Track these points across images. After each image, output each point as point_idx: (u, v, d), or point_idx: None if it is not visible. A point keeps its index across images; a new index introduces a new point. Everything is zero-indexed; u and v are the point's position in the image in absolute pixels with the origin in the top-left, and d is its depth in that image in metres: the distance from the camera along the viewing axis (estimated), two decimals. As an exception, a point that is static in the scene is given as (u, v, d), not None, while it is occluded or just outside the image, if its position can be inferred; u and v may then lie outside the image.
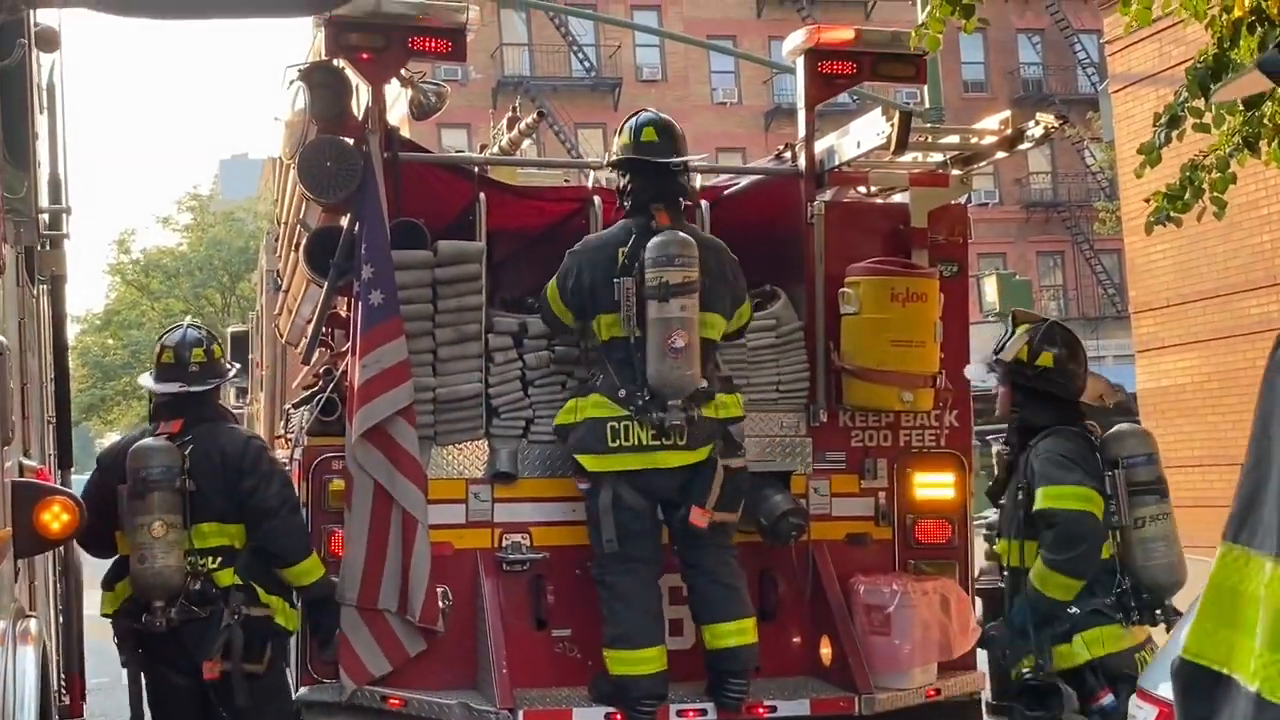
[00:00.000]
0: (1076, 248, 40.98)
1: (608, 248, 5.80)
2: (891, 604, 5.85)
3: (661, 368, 5.48)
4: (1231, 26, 6.44)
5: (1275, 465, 1.07)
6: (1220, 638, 1.03)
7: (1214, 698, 1.02)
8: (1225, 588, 1.04)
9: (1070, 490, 5.18)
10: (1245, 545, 1.05)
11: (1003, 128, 6.62)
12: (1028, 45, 42.14)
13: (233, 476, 5.60)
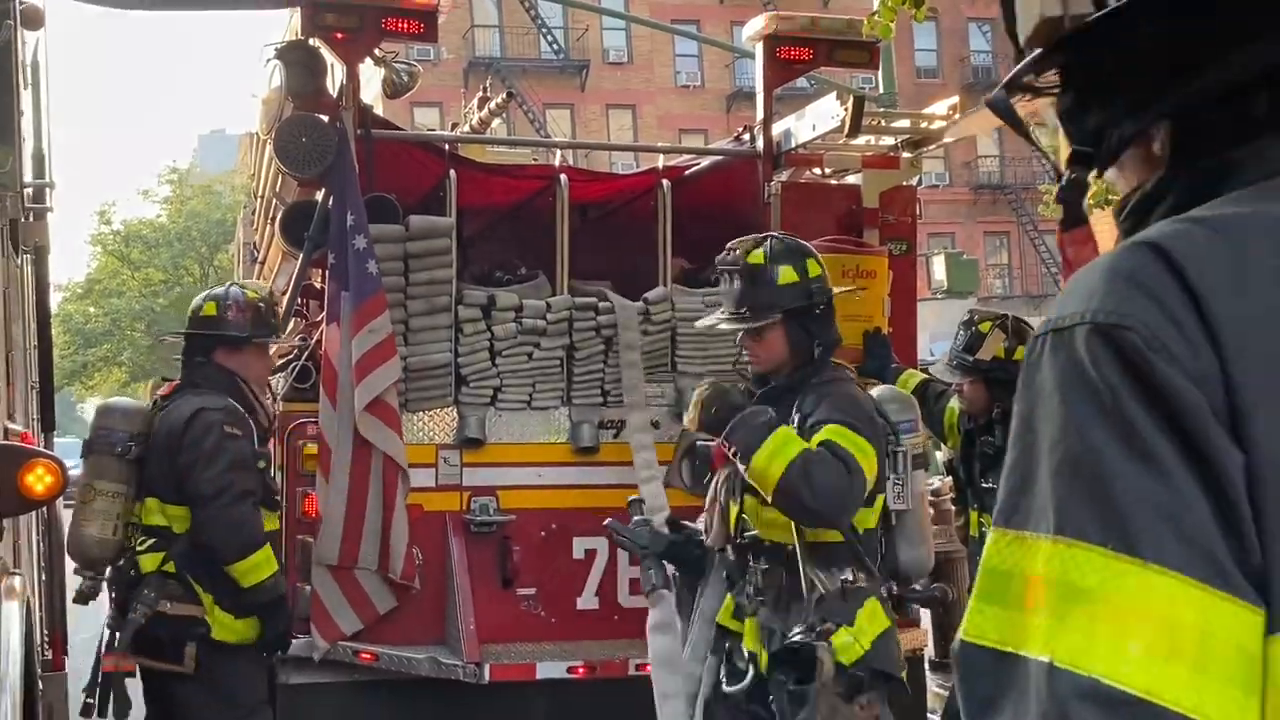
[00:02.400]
0: (1021, 228, 41.15)
1: None
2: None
3: None
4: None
5: (1042, 458, 1.07)
6: (1002, 618, 1.06)
7: (998, 677, 1.04)
8: (1000, 571, 1.07)
9: None
10: (1018, 529, 1.07)
11: (950, 113, 6.65)
12: (978, 33, 42.19)
13: (173, 452, 4.90)
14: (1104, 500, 1.03)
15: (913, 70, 38.23)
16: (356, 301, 5.61)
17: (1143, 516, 1.02)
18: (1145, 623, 1.00)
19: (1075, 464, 1.05)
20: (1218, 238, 1.09)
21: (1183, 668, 0.99)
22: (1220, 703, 0.98)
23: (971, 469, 5.51)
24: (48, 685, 3.25)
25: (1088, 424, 1.05)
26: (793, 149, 6.64)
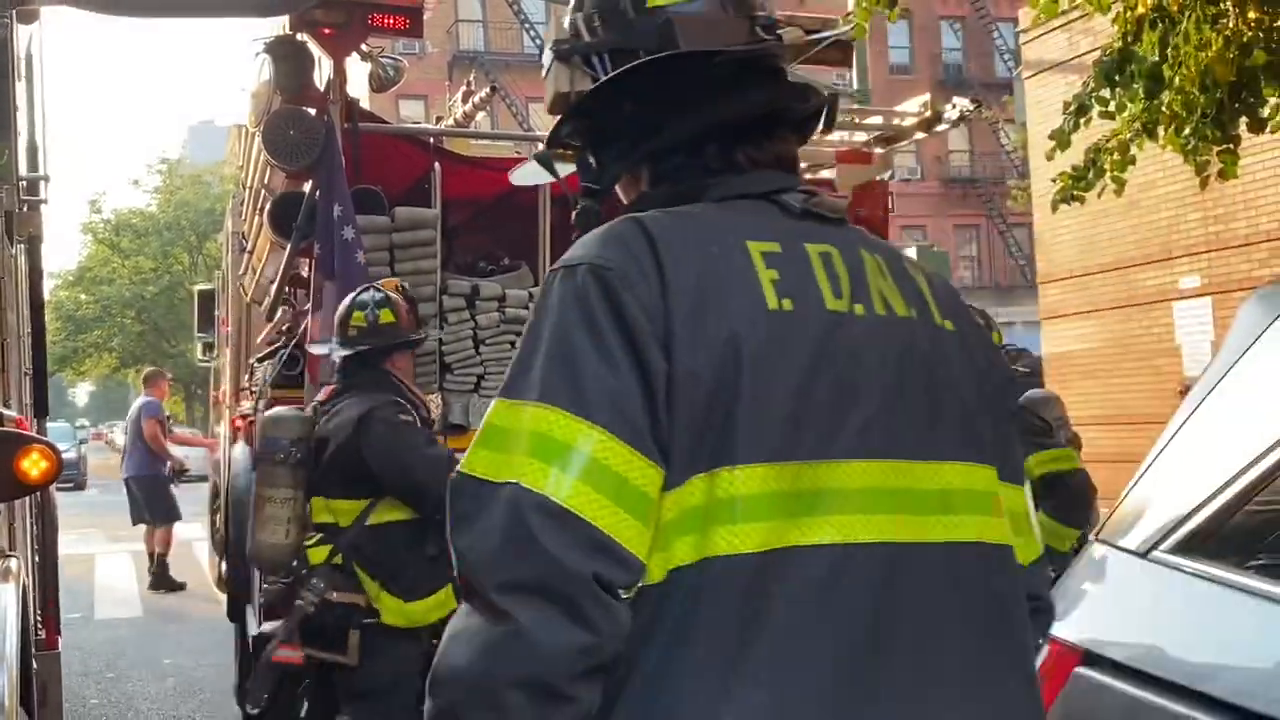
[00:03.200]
0: (991, 222, 41.37)
1: None
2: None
3: None
4: (1135, 22, 6.54)
5: (539, 351, 1.48)
6: (490, 458, 1.44)
7: (478, 496, 1.43)
8: (497, 427, 1.46)
9: (1063, 453, 5.31)
10: (514, 398, 1.47)
11: (923, 110, 6.70)
12: (950, 32, 42.36)
13: (345, 453, 4.70)
14: (574, 381, 1.44)
15: (886, 67, 38.34)
16: (344, 291, 5.62)
17: (597, 395, 1.43)
18: (586, 464, 1.41)
19: (561, 356, 1.46)
20: (678, 221, 1.57)
21: (606, 498, 1.40)
22: (625, 527, 1.40)
23: None
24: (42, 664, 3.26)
25: (574, 330, 1.46)
26: (769, 144, 6.68)
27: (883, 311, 1.59)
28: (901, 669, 1.47)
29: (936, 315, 1.67)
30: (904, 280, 1.67)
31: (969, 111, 6.55)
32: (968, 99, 6.84)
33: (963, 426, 1.62)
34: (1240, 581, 2.21)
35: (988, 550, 1.59)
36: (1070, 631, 2.46)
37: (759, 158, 1.69)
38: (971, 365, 1.68)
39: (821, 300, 1.54)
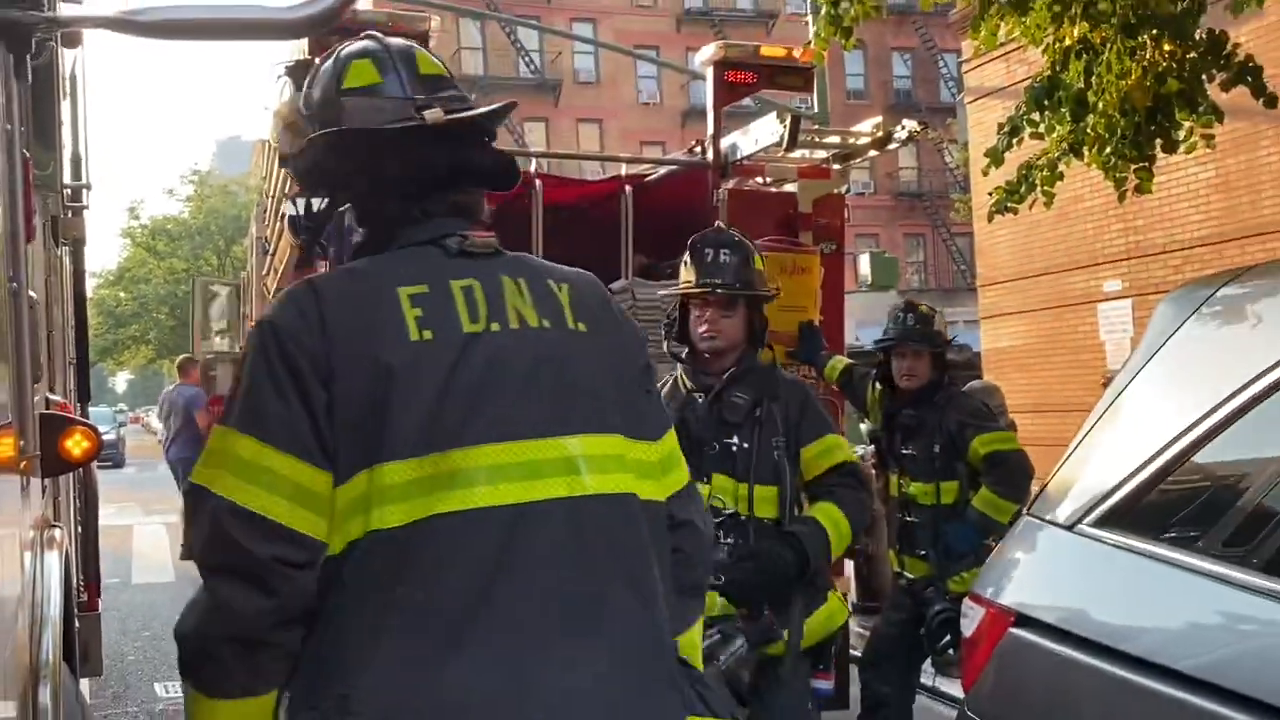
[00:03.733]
0: (936, 231, 41.43)
1: None
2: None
3: None
4: (1063, 53, 6.54)
5: (241, 386, 1.77)
6: (205, 473, 1.73)
7: (197, 502, 1.73)
8: (214, 448, 1.74)
9: (1005, 435, 5.30)
10: (222, 424, 1.75)
11: (875, 131, 6.69)
12: (900, 61, 42.38)
13: None
14: (258, 413, 1.72)
15: (843, 92, 38.34)
16: None
17: (275, 424, 1.71)
18: (266, 474, 1.69)
19: (251, 393, 1.74)
20: (344, 277, 1.87)
21: (282, 499, 1.69)
22: (299, 519, 1.69)
23: (893, 439, 5.55)
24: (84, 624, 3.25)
25: (258, 373, 1.73)
26: (738, 160, 6.66)
27: (516, 325, 1.84)
28: (526, 602, 1.72)
29: (570, 321, 1.91)
30: (542, 297, 1.91)
31: (916, 132, 6.55)
32: (915, 121, 6.82)
33: (589, 405, 1.86)
34: (1154, 552, 2.22)
35: (612, 499, 1.83)
36: (1004, 596, 2.47)
37: (432, 209, 1.92)
38: (601, 357, 1.92)
39: (459, 326, 1.79)
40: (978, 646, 2.43)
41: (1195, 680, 1.97)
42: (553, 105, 38.96)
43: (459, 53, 37.38)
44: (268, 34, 1.89)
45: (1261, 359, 2.15)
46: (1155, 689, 2.03)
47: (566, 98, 39.38)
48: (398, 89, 1.91)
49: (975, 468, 5.20)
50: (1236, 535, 2.20)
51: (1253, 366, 2.16)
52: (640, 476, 1.89)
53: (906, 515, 5.44)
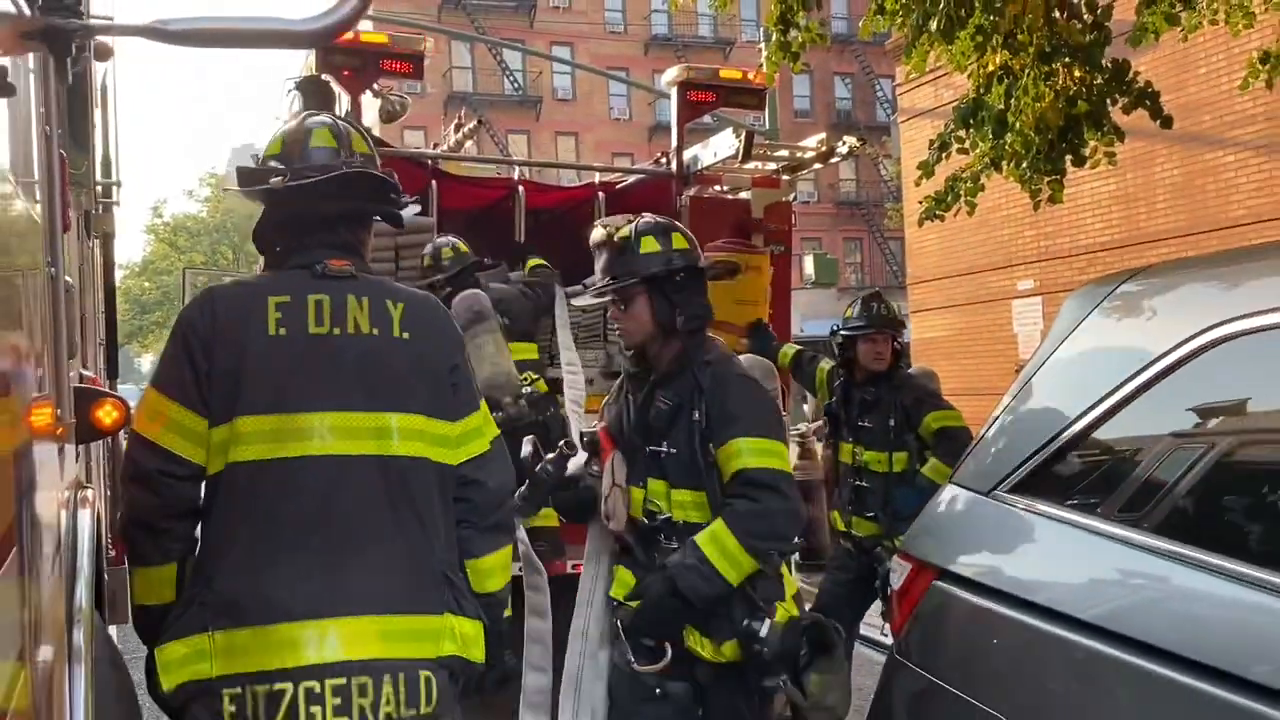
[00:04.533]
0: (872, 235, 41.57)
1: None
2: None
3: None
4: (986, 78, 6.57)
5: (163, 354, 2.34)
6: (136, 416, 2.31)
7: (130, 436, 2.33)
8: (141, 399, 2.26)
9: (954, 413, 5.34)
10: (149, 384, 2.30)
11: (819, 146, 6.70)
12: (841, 84, 42.42)
13: None
14: (166, 375, 2.25)
15: (792, 111, 38.36)
16: None
17: (172, 382, 2.21)
18: (162, 416, 2.19)
19: (164, 359, 2.27)
20: (236, 287, 2.41)
21: (173, 434, 2.18)
22: (181, 446, 2.18)
23: (850, 412, 5.58)
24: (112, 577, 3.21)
25: (169, 349, 2.26)
26: (699, 170, 6.66)
27: (352, 331, 2.28)
28: (342, 525, 2.17)
29: (395, 331, 2.33)
30: (378, 312, 2.33)
31: (855, 148, 6.57)
32: (854, 138, 6.84)
33: (400, 391, 2.29)
34: (1060, 515, 2.23)
35: (412, 460, 2.27)
36: (929, 554, 2.48)
37: (311, 243, 2.36)
38: (415, 358, 2.33)
39: (306, 328, 2.25)
40: (905, 598, 2.45)
41: (1094, 627, 1.99)
42: (534, 119, 38.76)
43: (450, 71, 37.10)
44: (285, 43, 1.88)
45: (1154, 348, 2.17)
46: (1060, 635, 2.05)
47: (547, 113, 39.18)
48: (288, 158, 2.42)
49: (925, 440, 5.26)
50: (1131, 502, 2.22)
51: (1146, 354, 2.17)
52: (436, 445, 2.32)
53: (859, 481, 5.50)
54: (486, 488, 2.40)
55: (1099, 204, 14.29)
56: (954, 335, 17.12)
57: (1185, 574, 1.91)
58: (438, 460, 2.31)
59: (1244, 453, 2.22)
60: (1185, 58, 12.16)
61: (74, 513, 2.28)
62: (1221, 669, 1.74)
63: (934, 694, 2.32)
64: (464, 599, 2.28)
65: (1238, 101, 11.64)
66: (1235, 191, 12.91)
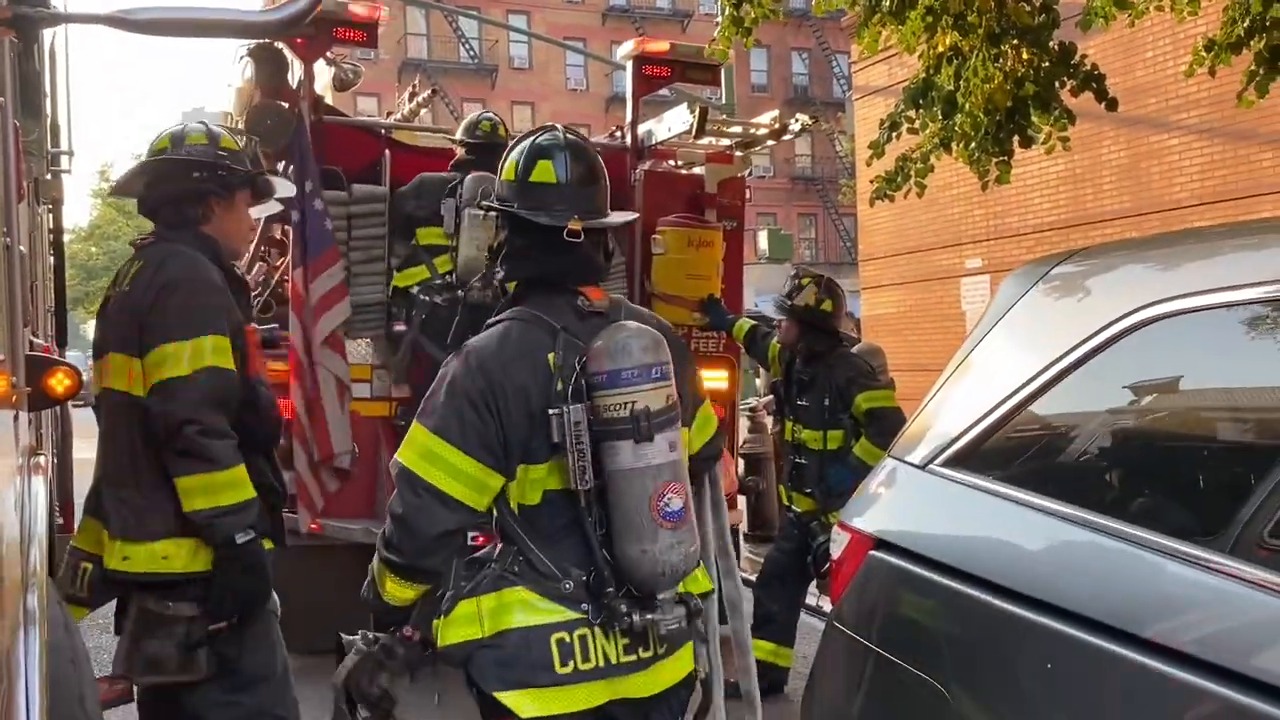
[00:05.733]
0: (825, 211, 41.76)
1: (525, 358, 2.38)
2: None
3: (652, 547, 2.31)
4: (936, 58, 6.62)
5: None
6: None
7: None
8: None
9: (885, 393, 5.41)
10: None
11: (774, 123, 6.75)
12: (798, 60, 42.46)
13: None
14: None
15: (748, 86, 38.35)
16: (315, 252, 5.54)
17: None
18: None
19: None
20: None
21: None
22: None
23: (790, 391, 5.66)
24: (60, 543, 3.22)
25: None
26: (653, 145, 6.68)
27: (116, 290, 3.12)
28: None
29: (126, 285, 2.97)
30: (125, 273, 3.05)
31: (809, 124, 6.63)
32: (808, 115, 6.90)
33: (110, 335, 3.03)
34: (992, 488, 2.26)
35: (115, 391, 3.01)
36: (867, 524, 2.52)
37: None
38: (123, 308, 3.00)
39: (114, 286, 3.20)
40: (844, 566, 2.50)
41: (1023, 596, 2.04)
42: (489, 88, 38.42)
43: (405, 38, 36.64)
44: (244, 34, 1.94)
45: (1088, 326, 2.21)
46: (991, 602, 2.09)
47: (502, 81, 38.86)
48: None
49: (858, 420, 5.33)
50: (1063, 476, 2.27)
51: (1080, 332, 2.21)
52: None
53: (798, 458, 5.57)
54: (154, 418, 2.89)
55: (1047, 184, 14.48)
56: (904, 312, 17.30)
57: (1114, 546, 1.98)
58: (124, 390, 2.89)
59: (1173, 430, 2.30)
60: (1133, 42, 12.33)
61: (28, 477, 2.28)
62: (1149, 639, 1.82)
63: (870, 660, 2.38)
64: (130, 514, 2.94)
65: (1183, 86, 11.83)
66: (1179, 174, 13.14)
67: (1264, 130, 11.69)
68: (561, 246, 2.38)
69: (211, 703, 2.94)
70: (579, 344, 2.35)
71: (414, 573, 2.35)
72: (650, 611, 2.32)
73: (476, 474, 2.30)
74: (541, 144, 2.44)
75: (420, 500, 2.29)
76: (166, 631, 2.86)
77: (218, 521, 2.85)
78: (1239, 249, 2.33)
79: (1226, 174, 12.53)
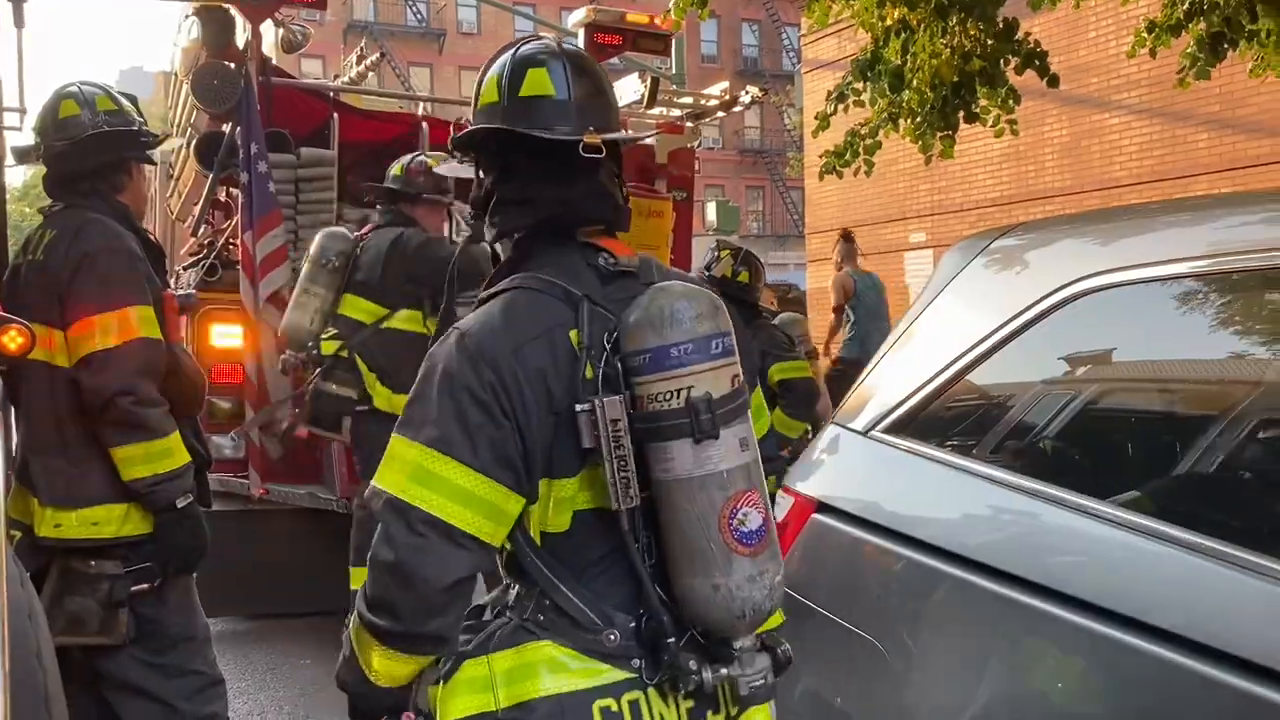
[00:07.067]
0: (773, 184, 41.88)
1: (540, 337, 1.74)
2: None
3: (726, 580, 1.66)
4: (884, 31, 6.66)
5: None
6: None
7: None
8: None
9: (798, 364, 5.48)
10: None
11: (723, 94, 6.78)
12: (749, 31, 42.41)
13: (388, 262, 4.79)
14: None
15: (699, 57, 38.26)
16: (259, 215, 5.48)
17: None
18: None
19: None
20: None
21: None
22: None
23: None
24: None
25: None
26: (604, 114, 6.67)
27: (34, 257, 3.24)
28: None
29: (38, 256, 3.12)
30: (37, 241, 3.15)
31: (758, 97, 6.66)
32: (758, 87, 6.93)
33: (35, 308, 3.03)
34: (934, 455, 2.32)
35: None
36: (810, 488, 2.57)
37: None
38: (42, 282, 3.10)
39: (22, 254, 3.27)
40: (787, 529, 2.55)
41: (965, 559, 2.10)
42: (437, 53, 37.97)
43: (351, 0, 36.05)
44: None
45: (1026, 298, 2.27)
46: (932, 566, 2.16)
47: (450, 46, 38.39)
48: None
49: (774, 390, 5.42)
50: (1001, 443, 2.35)
51: (1018, 304, 2.27)
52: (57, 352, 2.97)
53: None
54: (82, 386, 2.95)
55: (990, 161, 14.65)
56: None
57: (1050, 511, 2.04)
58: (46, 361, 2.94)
59: (1106, 399, 2.37)
60: (1078, 21, 12.49)
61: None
62: (1079, 597, 1.89)
63: (812, 621, 2.44)
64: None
65: (1124, 67, 12.02)
66: (1118, 153, 13.37)
67: (1199, 112, 11.93)
68: (569, 174, 1.82)
69: (135, 665, 3.00)
70: (607, 315, 1.74)
71: (415, 641, 1.68)
72: (725, 664, 1.71)
73: (492, 498, 1.65)
74: (528, 53, 1.86)
75: (420, 540, 1.63)
76: (89, 589, 2.90)
77: (159, 488, 2.93)
78: (1172, 225, 2.41)
79: (1164, 154, 12.78)
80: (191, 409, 3.16)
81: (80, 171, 3.08)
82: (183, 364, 3.10)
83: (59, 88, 3.17)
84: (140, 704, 3.00)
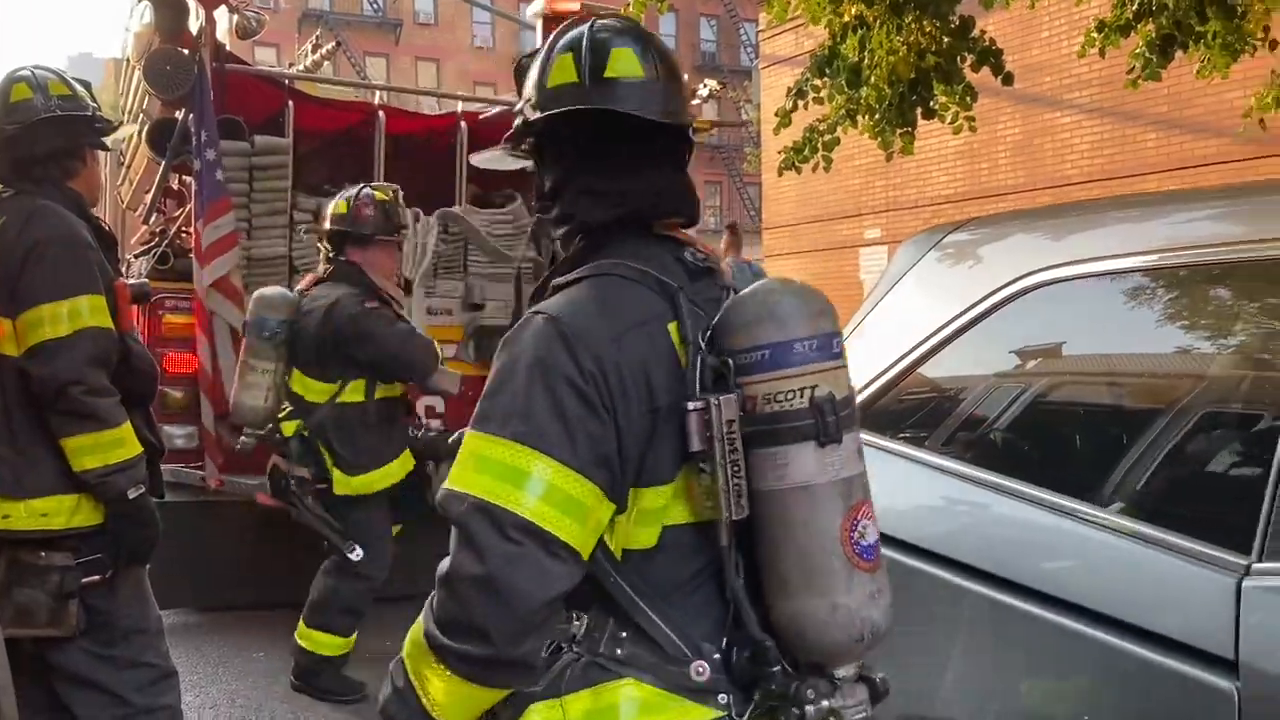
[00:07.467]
0: (731, 180, 41.99)
1: (640, 328, 1.55)
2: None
3: (847, 599, 1.50)
4: (841, 27, 6.70)
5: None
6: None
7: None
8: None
9: None
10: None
11: (682, 88, 6.77)
12: (707, 26, 42.48)
13: (321, 335, 4.52)
14: None
15: (656, 50, 38.22)
16: (206, 202, 5.43)
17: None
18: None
19: None
20: None
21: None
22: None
23: None
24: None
25: None
26: (562, 105, 6.65)
27: None
28: None
29: None
30: None
31: (716, 91, 6.67)
32: (715, 82, 6.94)
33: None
34: (889, 446, 2.34)
35: None
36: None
37: None
38: None
39: None
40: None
41: (920, 549, 2.14)
42: (393, 43, 37.69)
43: (307, -12, 35.69)
44: None
45: (977, 291, 2.30)
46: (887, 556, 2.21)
47: (407, 36, 38.12)
48: None
49: None
50: (953, 434, 2.39)
51: (970, 297, 2.30)
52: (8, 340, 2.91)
53: None
54: (32, 376, 2.90)
55: (944, 158, 14.80)
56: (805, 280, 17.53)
57: (1001, 501, 2.08)
58: None
59: (1056, 391, 2.41)
60: (1031, 20, 12.64)
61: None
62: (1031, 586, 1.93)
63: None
64: None
65: (1076, 66, 12.19)
66: (1070, 151, 13.56)
67: (1149, 113, 12.13)
68: (661, 163, 1.68)
69: (86, 657, 2.96)
70: (699, 311, 1.57)
71: (499, 670, 1.45)
72: (827, 696, 1.52)
73: (590, 501, 1.45)
74: (604, 34, 1.66)
75: (516, 548, 1.41)
76: (39, 580, 2.86)
77: (109, 479, 2.89)
78: (1121, 221, 2.45)
79: (1114, 153, 12.98)
80: (143, 400, 3.12)
81: (32, 157, 3.00)
82: (134, 354, 3.06)
83: (10, 71, 3.07)
84: (91, 696, 2.96)
